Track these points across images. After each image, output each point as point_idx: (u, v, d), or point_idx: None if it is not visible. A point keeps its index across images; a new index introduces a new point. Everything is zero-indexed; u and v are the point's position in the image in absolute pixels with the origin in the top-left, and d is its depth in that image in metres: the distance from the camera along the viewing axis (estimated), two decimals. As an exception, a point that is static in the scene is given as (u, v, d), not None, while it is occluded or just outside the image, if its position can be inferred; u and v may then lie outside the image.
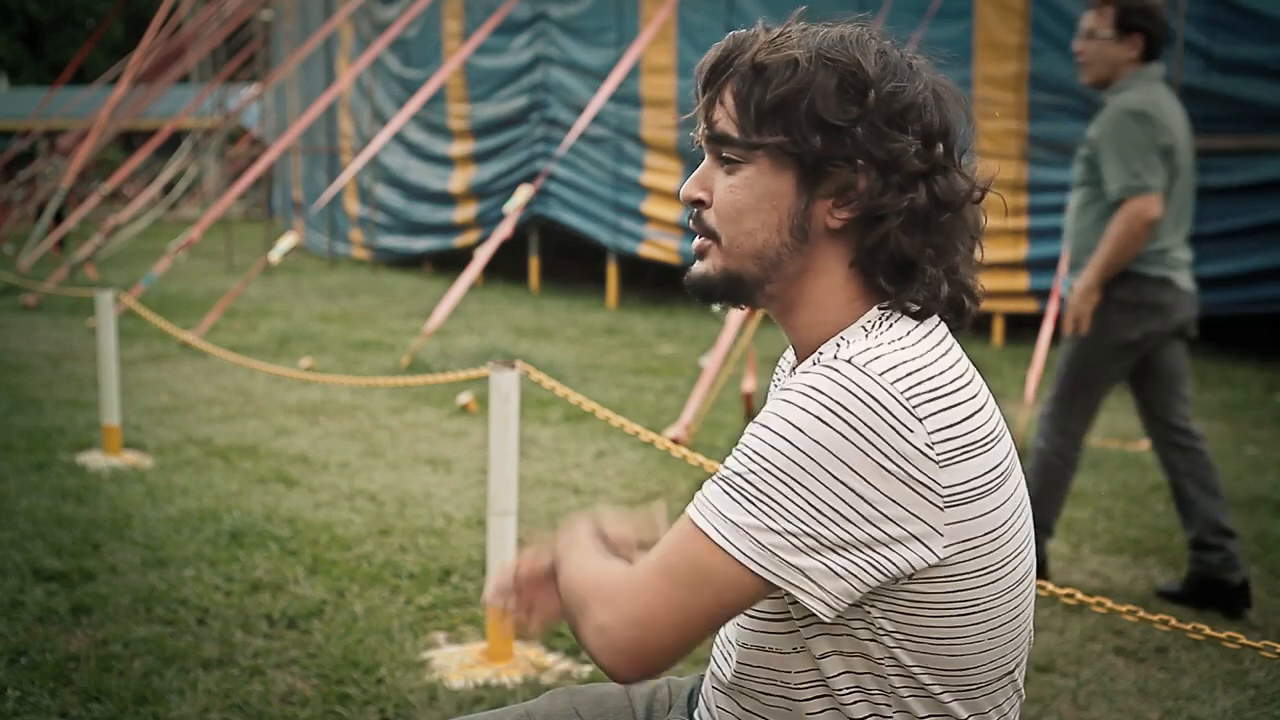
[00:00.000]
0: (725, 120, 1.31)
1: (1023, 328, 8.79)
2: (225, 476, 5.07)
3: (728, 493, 1.24)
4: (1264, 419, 6.63)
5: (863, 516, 1.21)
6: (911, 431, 1.20)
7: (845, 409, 1.20)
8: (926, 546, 1.23)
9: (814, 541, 1.21)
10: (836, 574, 1.22)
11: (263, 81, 16.50)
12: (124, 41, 33.27)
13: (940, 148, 1.29)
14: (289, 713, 2.93)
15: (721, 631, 1.49)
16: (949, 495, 1.22)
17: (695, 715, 1.53)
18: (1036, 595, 1.38)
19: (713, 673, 1.47)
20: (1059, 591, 2.30)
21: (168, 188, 17.77)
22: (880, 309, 1.32)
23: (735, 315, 6.70)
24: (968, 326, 1.36)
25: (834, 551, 1.21)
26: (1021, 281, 9.06)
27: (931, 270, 1.30)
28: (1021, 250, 9.00)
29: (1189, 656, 3.35)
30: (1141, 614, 2.21)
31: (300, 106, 15.76)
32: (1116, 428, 6.26)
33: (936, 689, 1.31)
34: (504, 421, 3.26)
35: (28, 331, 9.40)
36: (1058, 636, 3.48)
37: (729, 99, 1.31)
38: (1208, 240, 8.51)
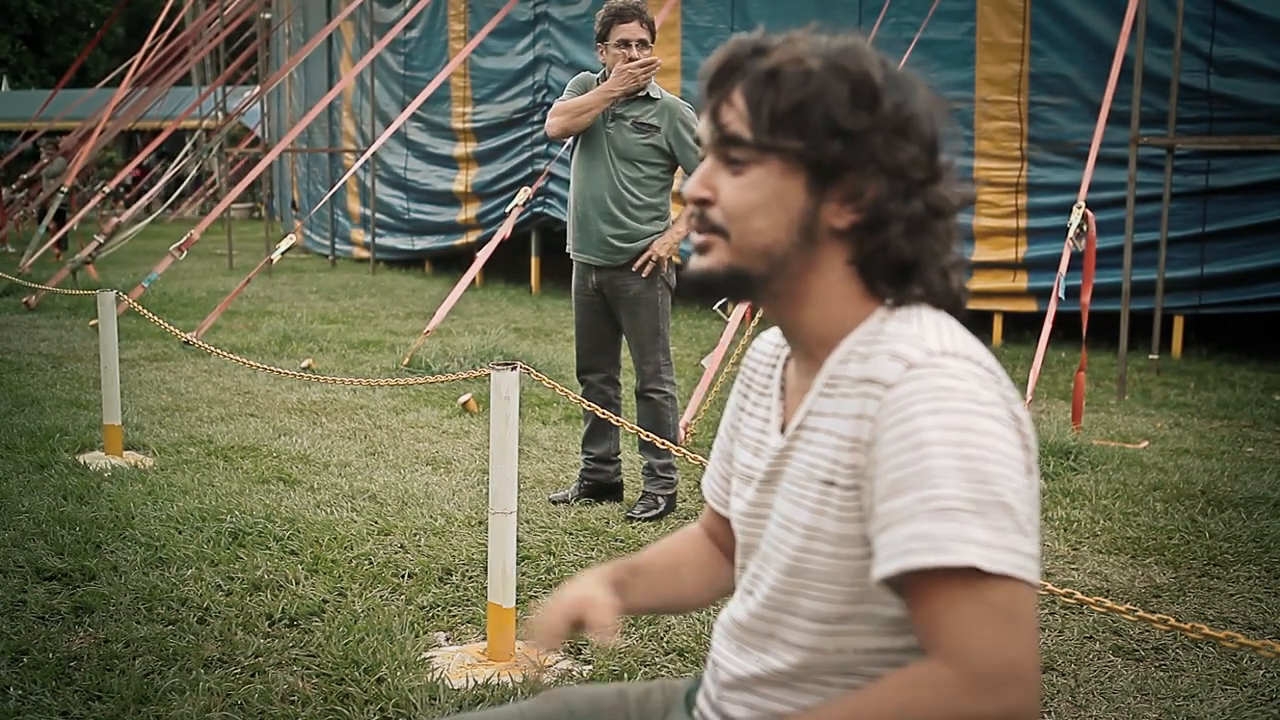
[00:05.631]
0: (737, 122, 1.32)
1: (1022, 327, 8.78)
2: (226, 476, 5.07)
3: (973, 519, 1.19)
4: (1263, 419, 6.63)
5: (1024, 485, 1.24)
6: (1010, 401, 1.27)
7: (976, 395, 1.23)
8: None
9: (1026, 523, 1.22)
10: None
11: (263, 83, 16.50)
12: (125, 43, 33.30)
13: (938, 157, 1.33)
14: (289, 712, 2.93)
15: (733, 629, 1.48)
16: (1030, 448, 1.28)
17: (695, 714, 1.53)
18: (1037, 595, 1.40)
19: (733, 672, 1.46)
20: (1058, 591, 2.31)
21: (168, 188, 17.76)
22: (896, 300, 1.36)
23: (735, 315, 6.71)
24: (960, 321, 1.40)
25: (1029, 523, 1.24)
26: (1021, 281, 9.06)
27: (925, 274, 1.34)
28: (1021, 250, 8.99)
29: (1187, 656, 3.35)
30: (1140, 613, 2.22)
31: (301, 107, 15.76)
32: (1116, 428, 6.26)
33: None
34: (504, 421, 3.27)
35: (29, 332, 9.41)
36: (1057, 636, 3.48)
37: (739, 101, 1.32)
38: (1208, 240, 8.54)
